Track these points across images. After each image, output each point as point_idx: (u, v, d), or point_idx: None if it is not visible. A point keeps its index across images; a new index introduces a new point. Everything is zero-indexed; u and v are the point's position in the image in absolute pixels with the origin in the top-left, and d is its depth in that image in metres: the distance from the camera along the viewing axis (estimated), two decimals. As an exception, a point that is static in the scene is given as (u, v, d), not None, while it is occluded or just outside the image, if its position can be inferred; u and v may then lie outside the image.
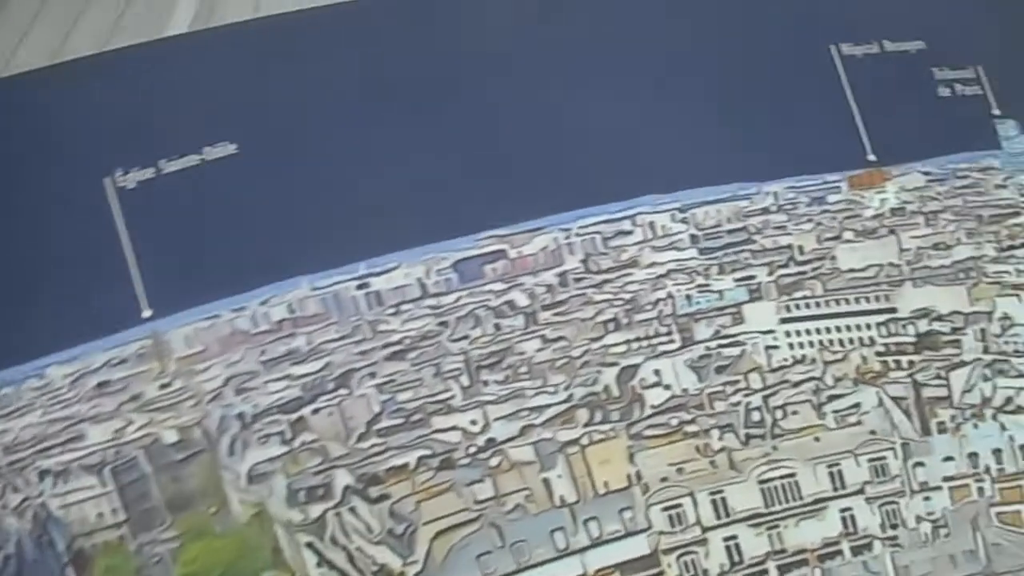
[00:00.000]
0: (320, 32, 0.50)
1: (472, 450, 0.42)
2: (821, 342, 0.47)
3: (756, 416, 0.45)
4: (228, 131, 0.47)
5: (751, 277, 0.48)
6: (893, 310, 0.47)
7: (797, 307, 0.47)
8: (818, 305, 0.47)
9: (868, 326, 0.47)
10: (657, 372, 0.45)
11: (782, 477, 0.43)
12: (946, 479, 0.44)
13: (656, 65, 0.52)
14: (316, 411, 0.43)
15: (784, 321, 0.47)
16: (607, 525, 0.42)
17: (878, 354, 0.46)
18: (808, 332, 0.47)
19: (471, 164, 0.48)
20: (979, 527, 0.43)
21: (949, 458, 0.45)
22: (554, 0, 0.53)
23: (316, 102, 0.48)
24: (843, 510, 0.43)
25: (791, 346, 0.46)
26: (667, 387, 0.45)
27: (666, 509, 0.42)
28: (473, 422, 0.43)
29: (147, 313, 0.43)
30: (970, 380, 0.46)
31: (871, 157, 0.51)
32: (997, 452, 0.45)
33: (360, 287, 0.45)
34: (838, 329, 0.47)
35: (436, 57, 0.50)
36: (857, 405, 0.45)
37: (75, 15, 0.63)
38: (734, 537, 0.42)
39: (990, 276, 0.49)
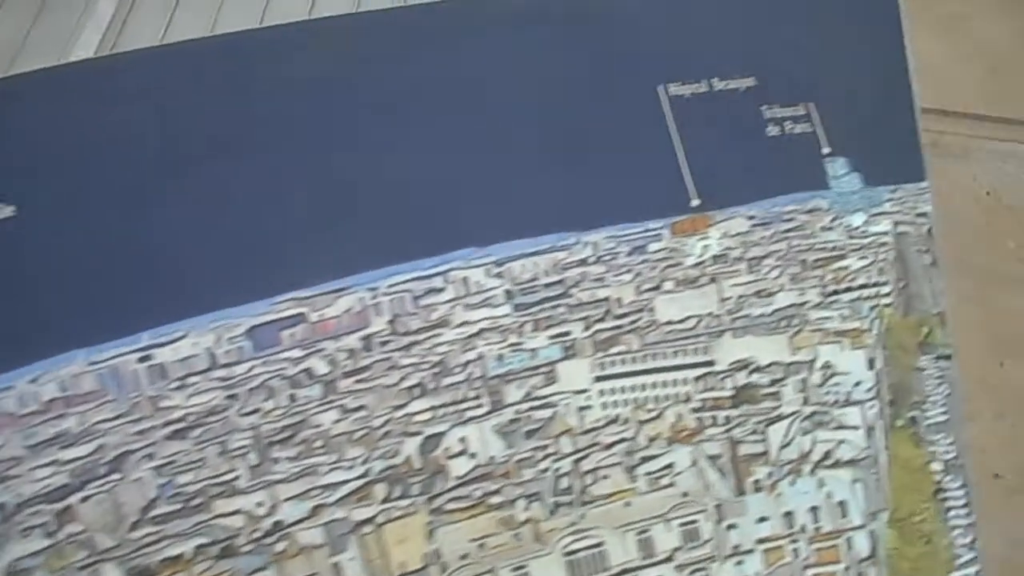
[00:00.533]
0: (106, 84, 0.47)
1: (256, 535, 0.40)
2: (636, 400, 0.45)
3: (565, 483, 0.43)
4: (4, 192, 0.44)
5: (566, 333, 0.46)
6: (711, 363, 0.46)
7: (612, 363, 0.46)
8: (634, 361, 0.46)
9: (685, 381, 0.46)
10: (463, 440, 0.43)
11: (589, 548, 0.42)
12: (760, 541, 0.43)
13: (474, 115, 0.50)
14: (85, 499, 0.40)
15: (599, 379, 0.45)
16: (402, 609, 0.40)
17: (694, 410, 0.45)
18: (623, 390, 0.45)
19: (269, 222, 0.46)
20: (793, 590, 0.42)
21: (764, 518, 0.43)
22: (354, 53, 0.50)
23: (98, 161, 0.45)
24: (652, 579, 0.42)
25: (604, 406, 0.45)
26: (473, 456, 0.43)
27: (466, 588, 0.40)
28: (259, 504, 0.41)
29: None
30: (788, 434, 0.45)
31: (695, 202, 0.50)
32: (814, 510, 0.44)
33: (142, 359, 0.42)
34: (654, 386, 0.45)
35: (232, 113, 0.47)
36: (670, 466, 0.44)
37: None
38: (538, 613, 0.41)
39: (812, 323, 0.48)
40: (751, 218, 0.50)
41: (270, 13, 0.62)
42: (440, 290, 0.46)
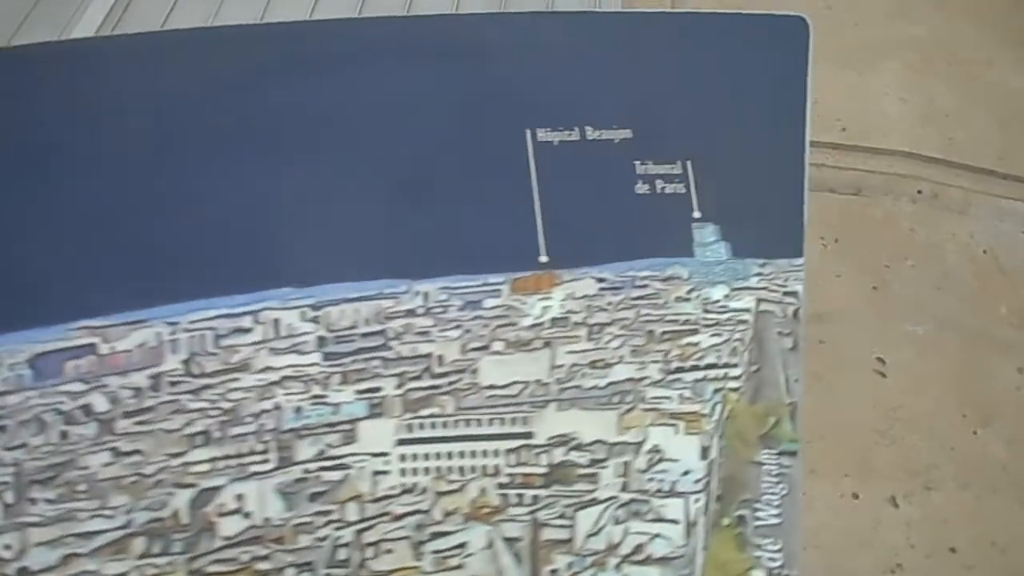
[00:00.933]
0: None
1: (-7, 582, 0.37)
2: (438, 469, 0.42)
3: (343, 554, 0.40)
4: None
5: (376, 389, 0.43)
6: (529, 435, 0.43)
7: (421, 427, 0.43)
8: (445, 426, 0.43)
9: (496, 453, 0.42)
10: (240, 497, 0.40)
11: (354, 629, 0.39)
12: (547, 637, 0.40)
13: (318, 149, 0.47)
14: None
15: (402, 443, 0.42)
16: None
17: (500, 486, 0.42)
18: (426, 457, 0.42)
19: (69, 244, 0.43)
20: None
21: (555, 613, 0.40)
22: (201, 74, 0.47)
23: None
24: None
25: (403, 472, 0.42)
26: (247, 515, 0.40)
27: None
28: (7, 547, 0.38)
29: None
30: (599, 522, 0.42)
31: (543, 258, 0.46)
32: (614, 607, 0.40)
33: (-91, 381, 0.40)
34: (461, 455, 0.42)
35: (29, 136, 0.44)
36: (462, 545, 0.41)
37: None
38: None
39: (648, 402, 0.44)
40: (601, 280, 0.47)
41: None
42: (247, 330, 0.43)
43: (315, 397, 0.42)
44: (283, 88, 0.47)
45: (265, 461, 0.41)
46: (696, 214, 0.48)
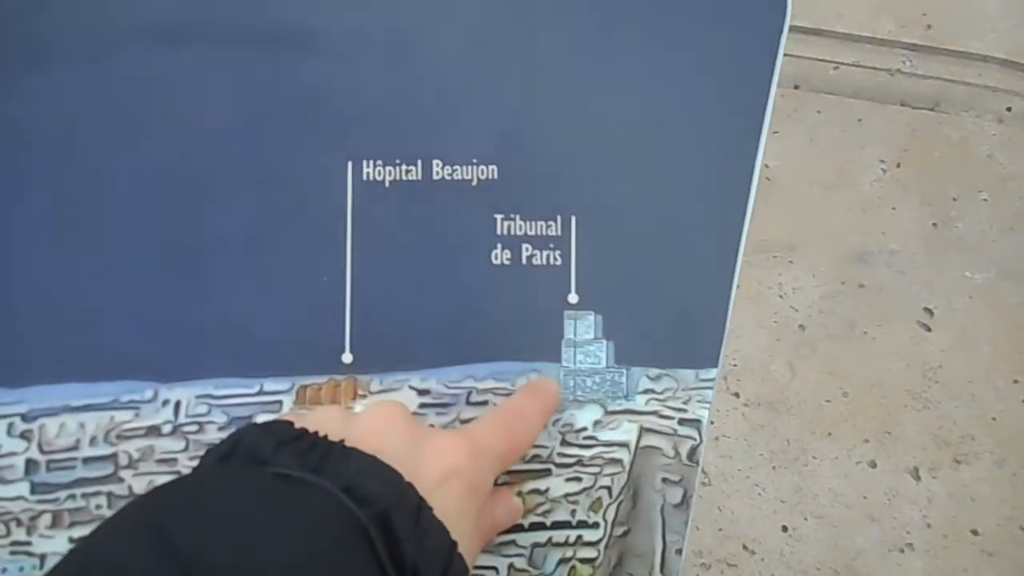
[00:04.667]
0: None
1: None
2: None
3: None
4: None
5: (96, 538, 0.33)
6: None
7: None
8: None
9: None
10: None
11: None
12: None
13: (31, 190, 0.34)
14: None
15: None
16: None
17: None
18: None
19: None
20: None
21: None
22: None
23: None
24: None
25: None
26: None
27: None
28: None
29: None
30: None
31: (346, 358, 0.34)
32: None
33: None
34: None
35: None
36: None
37: None
38: None
39: None
40: (423, 393, 0.34)
41: None
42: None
43: (15, 544, 0.32)
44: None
45: (-61, 632, 0.32)
46: (572, 297, 0.34)
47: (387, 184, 0.34)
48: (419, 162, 0.35)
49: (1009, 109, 1.02)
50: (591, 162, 0.35)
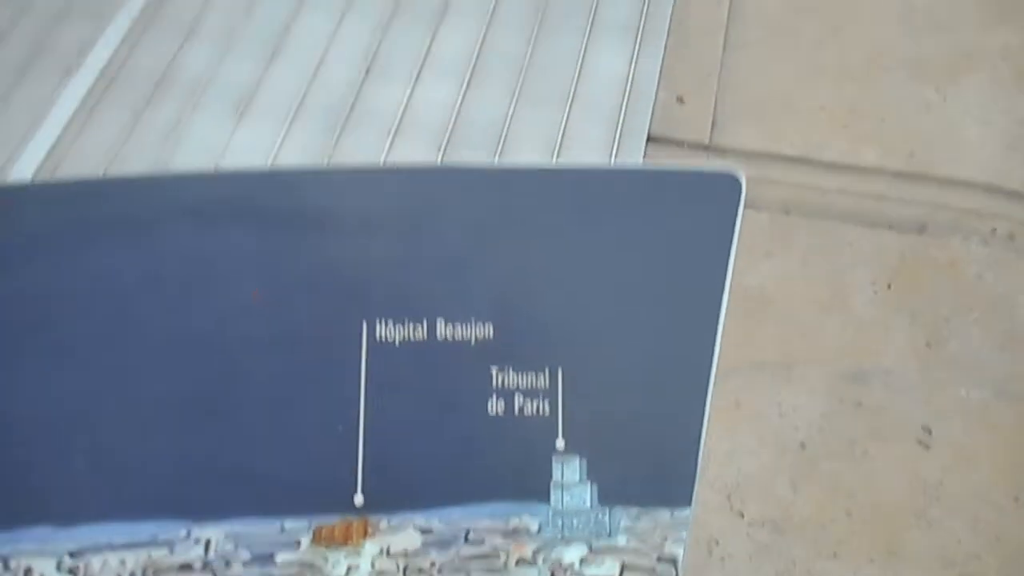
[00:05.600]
0: None
1: None
2: None
3: None
4: None
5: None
6: None
7: None
8: None
9: None
10: None
11: None
12: None
13: (75, 348, 0.39)
14: None
15: None
16: None
17: None
18: None
19: None
20: None
21: None
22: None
23: None
24: None
25: None
26: None
27: None
28: None
29: None
30: None
31: (358, 499, 0.38)
32: None
33: None
34: None
35: None
36: None
37: None
38: None
39: None
40: (426, 532, 0.38)
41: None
42: (-10, 582, 0.37)
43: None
44: (42, 258, 0.39)
45: None
46: (559, 443, 0.39)
47: (397, 344, 0.39)
48: (424, 320, 0.40)
49: (994, 231, 1.07)
50: (574, 321, 0.40)
